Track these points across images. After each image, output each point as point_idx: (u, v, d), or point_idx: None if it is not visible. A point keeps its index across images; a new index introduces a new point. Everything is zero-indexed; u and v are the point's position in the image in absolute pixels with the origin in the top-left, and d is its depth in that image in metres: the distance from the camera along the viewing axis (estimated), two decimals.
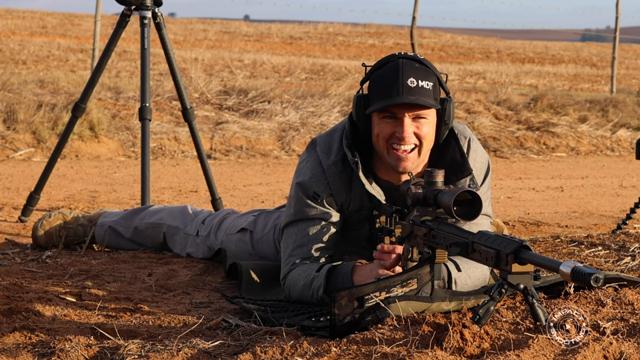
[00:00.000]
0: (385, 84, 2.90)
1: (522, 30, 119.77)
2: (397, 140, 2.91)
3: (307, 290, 2.91)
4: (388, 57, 2.97)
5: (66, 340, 2.44)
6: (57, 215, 4.09)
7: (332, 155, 3.02)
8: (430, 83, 2.90)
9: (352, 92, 10.27)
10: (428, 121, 2.93)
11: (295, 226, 3.03)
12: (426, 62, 2.95)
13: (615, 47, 14.10)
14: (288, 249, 3.03)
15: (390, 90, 2.88)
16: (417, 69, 2.90)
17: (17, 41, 18.10)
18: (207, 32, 24.05)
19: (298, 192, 3.03)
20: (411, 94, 2.87)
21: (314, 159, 3.04)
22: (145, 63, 4.64)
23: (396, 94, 2.87)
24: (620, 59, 21.69)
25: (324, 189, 3.01)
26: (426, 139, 2.94)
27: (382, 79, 2.92)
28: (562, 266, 2.16)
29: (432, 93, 2.90)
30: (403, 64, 2.90)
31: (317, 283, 2.88)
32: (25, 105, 7.96)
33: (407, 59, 2.93)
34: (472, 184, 3.02)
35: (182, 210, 4.02)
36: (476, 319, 2.34)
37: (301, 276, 2.93)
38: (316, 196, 3.01)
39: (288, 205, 3.08)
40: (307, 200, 3.01)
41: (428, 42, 26.15)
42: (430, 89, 2.90)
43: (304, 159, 3.08)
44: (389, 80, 2.90)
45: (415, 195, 2.65)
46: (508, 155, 9.70)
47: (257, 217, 3.69)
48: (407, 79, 2.87)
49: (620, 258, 3.73)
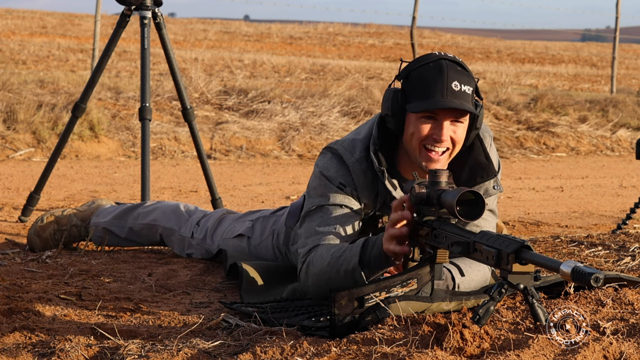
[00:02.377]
0: (428, 83, 2.88)
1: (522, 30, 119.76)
2: (432, 142, 2.90)
3: (334, 263, 2.82)
4: (427, 55, 2.95)
5: (66, 340, 2.44)
6: (48, 218, 4.05)
7: (356, 153, 2.99)
8: (471, 88, 2.91)
9: (352, 92, 10.27)
10: (464, 125, 2.93)
11: (320, 210, 2.98)
12: (466, 66, 2.95)
13: (615, 47, 14.10)
14: (312, 229, 2.96)
15: (434, 92, 2.87)
16: (460, 72, 2.90)
17: (17, 41, 18.09)
18: (207, 32, 24.05)
19: (323, 180, 2.99)
20: (455, 97, 2.86)
21: (337, 158, 3.01)
22: (145, 63, 4.64)
23: (440, 96, 2.86)
24: (620, 59, 21.69)
25: (350, 182, 2.98)
26: (459, 142, 2.94)
27: (425, 77, 2.90)
28: (563, 266, 2.16)
29: (471, 98, 2.91)
30: (447, 65, 2.90)
31: (350, 253, 2.81)
32: (25, 105, 7.96)
33: (449, 60, 2.92)
34: (497, 185, 3.02)
35: (175, 210, 3.98)
36: (476, 319, 2.34)
37: (330, 251, 2.85)
38: (342, 186, 2.98)
39: (309, 195, 3.03)
40: (333, 187, 2.97)
41: (428, 42, 26.15)
42: (470, 94, 2.90)
43: (324, 159, 3.03)
44: (433, 80, 2.88)
45: (418, 194, 2.65)
46: (508, 155, 9.70)
47: (255, 223, 3.65)
48: (451, 82, 2.87)
49: (620, 258, 3.73)
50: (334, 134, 9.11)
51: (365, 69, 17.47)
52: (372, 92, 10.42)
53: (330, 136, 9.07)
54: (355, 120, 9.60)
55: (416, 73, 2.93)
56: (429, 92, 2.88)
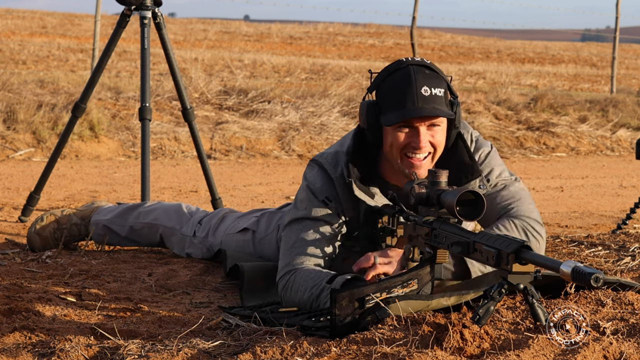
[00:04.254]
0: (398, 93, 2.88)
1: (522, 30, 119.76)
2: (412, 150, 2.91)
3: (314, 300, 2.84)
4: (396, 63, 2.95)
5: (66, 340, 2.44)
6: (49, 217, 4.05)
7: (339, 168, 3.01)
8: (442, 90, 2.90)
9: (352, 92, 10.27)
10: (441, 128, 2.93)
11: (301, 223, 3.00)
12: (435, 68, 2.94)
13: (615, 47, 14.10)
14: (289, 243, 2.99)
15: (404, 101, 2.87)
16: (429, 76, 2.90)
17: (17, 41, 18.10)
18: (207, 32, 24.05)
19: (309, 194, 3.02)
20: (426, 103, 2.86)
21: (323, 172, 3.03)
22: (145, 63, 4.64)
23: (411, 105, 2.86)
24: (620, 59, 21.68)
25: (335, 197, 3.00)
26: (440, 145, 2.95)
27: (394, 87, 2.90)
28: (563, 266, 2.16)
29: (444, 100, 2.90)
30: (415, 71, 2.89)
31: (326, 295, 2.82)
32: (25, 105, 7.96)
33: (416, 65, 2.92)
34: (483, 185, 3.02)
35: (177, 210, 3.99)
36: (476, 319, 2.34)
37: (308, 284, 2.86)
38: (327, 201, 3.00)
39: (295, 206, 3.06)
40: (317, 203, 3.00)
41: (428, 42, 26.15)
42: (442, 96, 2.90)
43: (312, 172, 3.06)
44: (402, 89, 2.88)
45: (418, 195, 2.66)
46: (508, 155, 9.70)
47: (260, 218, 3.67)
48: (420, 88, 2.87)
49: (620, 258, 3.73)
50: (334, 134, 9.11)
51: (365, 69, 17.47)
52: None
53: (330, 136, 9.07)
54: (355, 120, 9.60)
55: (386, 84, 2.94)
56: (400, 101, 2.88)
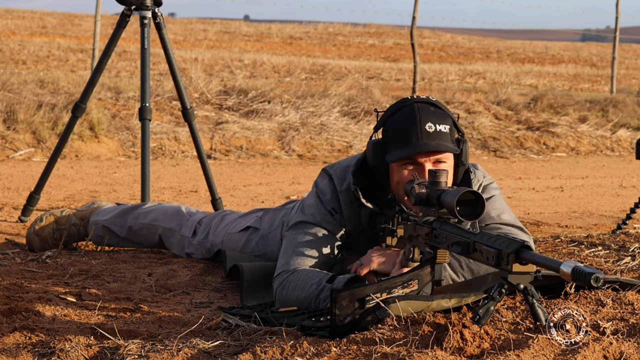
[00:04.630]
0: (403, 130, 2.90)
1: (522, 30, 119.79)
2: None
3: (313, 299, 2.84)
4: (401, 101, 2.97)
5: (66, 340, 2.44)
6: (48, 218, 4.06)
7: (345, 184, 3.03)
8: (447, 126, 2.91)
9: (352, 92, 10.27)
10: (447, 165, 2.94)
11: (305, 227, 3.02)
12: (440, 105, 2.95)
13: (615, 47, 14.10)
14: (291, 244, 3.01)
15: (409, 137, 2.88)
16: (433, 112, 2.90)
17: (17, 41, 18.10)
18: (207, 32, 24.05)
19: (318, 201, 3.05)
20: (430, 139, 2.87)
21: (332, 184, 3.06)
22: (145, 63, 4.64)
23: (416, 140, 2.87)
24: (620, 59, 21.68)
25: (339, 209, 3.03)
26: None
27: (399, 124, 2.91)
28: (563, 266, 2.16)
29: (449, 136, 2.91)
30: (419, 108, 2.90)
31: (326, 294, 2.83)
32: (25, 105, 7.96)
33: (421, 102, 2.93)
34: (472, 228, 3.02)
35: (177, 211, 3.98)
36: (476, 319, 2.34)
37: (307, 282, 2.87)
38: (333, 212, 3.02)
39: (302, 210, 3.07)
40: (324, 211, 3.02)
41: (428, 42, 26.16)
42: (447, 132, 2.90)
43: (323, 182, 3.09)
44: (407, 126, 2.89)
45: (418, 195, 2.66)
46: (508, 155, 9.70)
47: (263, 216, 3.68)
48: (425, 124, 2.87)
49: (620, 258, 3.73)
50: (334, 134, 9.11)
51: (365, 69, 17.47)
52: (372, 92, 10.43)
53: (330, 136, 9.07)
54: (355, 120, 9.60)
55: (390, 121, 2.95)
56: (404, 138, 2.89)
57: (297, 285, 2.89)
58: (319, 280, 2.84)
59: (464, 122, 10.10)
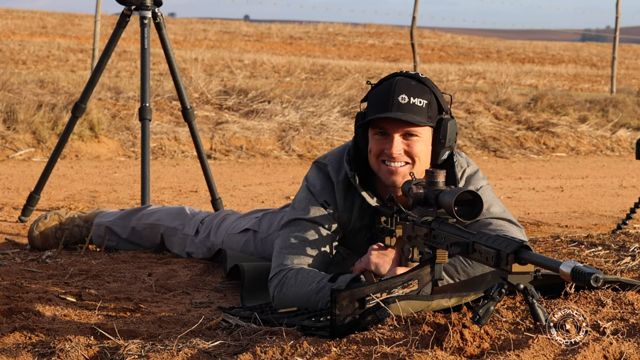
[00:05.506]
0: (378, 100, 2.91)
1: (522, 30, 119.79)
2: (387, 157, 2.91)
3: (312, 296, 2.83)
4: (389, 75, 2.98)
5: (66, 340, 2.44)
6: (52, 217, 4.07)
7: (342, 174, 3.02)
8: (424, 101, 2.90)
9: (352, 92, 10.28)
10: (420, 139, 2.92)
11: (298, 224, 3.00)
12: (425, 81, 2.94)
13: (615, 47, 14.10)
14: (285, 242, 2.99)
15: (380, 105, 2.89)
16: (412, 86, 2.90)
17: (17, 41, 18.10)
18: (207, 32, 24.05)
19: (309, 195, 3.03)
20: (400, 110, 2.87)
21: (324, 174, 3.05)
22: (145, 63, 4.64)
23: (384, 109, 2.88)
24: (620, 59, 21.69)
25: (333, 201, 3.02)
26: (419, 157, 2.92)
27: (377, 95, 2.93)
28: (562, 266, 2.16)
29: (425, 111, 2.89)
30: (397, 81, 2.91)
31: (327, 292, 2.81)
32: (25, 105, 7.96)
33: (404, 76, 2.93)
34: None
35: (180, 212, 4.01)
36: (476, 319, 2.34)
37: (307, 280, 2.85)
38: (326, 204, 3.01)
39: (293, 207, 3.06)
40: (316, 205, 3.01)
41: (428, 42, 26.16)
42: (423, 107, 2.89)
43: (313, 174, 3.08)
44: (382, 96, 2.90)
45: (416, 195, 2.66)
46: (508, 155, 9.70)
47: (262, 218, 3.68)
48: (398, 95, 2.88)
49: (620, 258, 3.73)
50: (334, 134, 9.11)
51: (365, 69, 17.47)
52: None
53: (330, 136, 9.07)
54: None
55: (372, 92, 2.97)
56: (377, 107, 2.90)
57: (296, 284, 2.87)
58: (319, 279, 2.83)
59: (464, 122, 10.10)
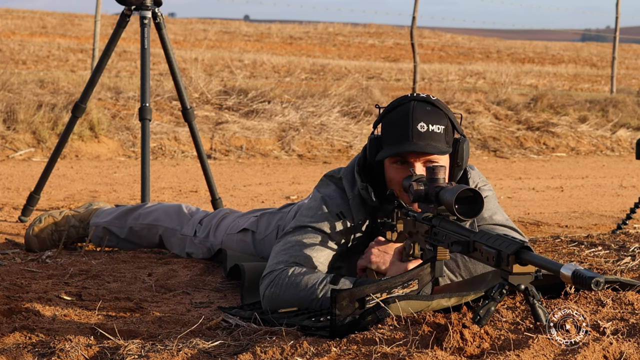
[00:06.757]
0: (396, 128, 2.88)
1: (522, 30, 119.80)
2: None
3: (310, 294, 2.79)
4: (400, 99, 2.95)
5: (66, 340, 2.44)
6: (47, 219, 4.05)
7: (356, 188, 3.00)
8: (442, 126, 2.88)
9: (352, 92, 10.27)
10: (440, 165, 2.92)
11: (304, 230, 2.96)
12: (438, 104, 2.93)
13: (615, 47, 14.10)
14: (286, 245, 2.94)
15: (400, 136, 2.86)
16: (428, 112, 2.88)
17: (17, 41, 18.10)
18: (207, 32, 24.05)
19: (322, 205, 2.99)
20: (421, 139, 2.85)
21: (340, 190, 3.02)
22: (145, 63, 4.64)
23: (405, 140, 2.85)
24: (620, 59, 21.68)
25: (349, 214, 2.98)
26: None
27: (393, 123, 2.90)
28: (563, 269, 2.16)
29: (443, 137, 2.88)
30: (414, 107, 2.89)
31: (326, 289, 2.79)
32: (25, 105, 7.96)
33: (418, 101, 2.91)
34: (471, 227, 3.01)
35: (178, 211, 3.98)
36: (477, 320, 2.34)
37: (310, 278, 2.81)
38: (341, 215, 2.97)
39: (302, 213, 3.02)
40: (329, 216, 2.97)
41: (428, 42, 26.16)
42: (441, 133, 2.88)
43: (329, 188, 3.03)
44: (400, 124, 2.88)
45: (417, 192, 2.65)
46: (508, 155, 9.70)
47: (260, 218, 3.66)
48: (417, 124, 2.85)
49: (620, 258, 3.73)
50: (333, 134, 9.11)
51: (365, 69, 17.47)
52: (372, 92, 10.42)
53: (330, 136, 9.07)
54: (355, 120, 9.60)
55: (387, 119, 2.94)
56: (396, 137, 2.88)
57: (292, 283, 2.82)
58: (322, 278, 2.82)
59: (464, 122, 10.10)
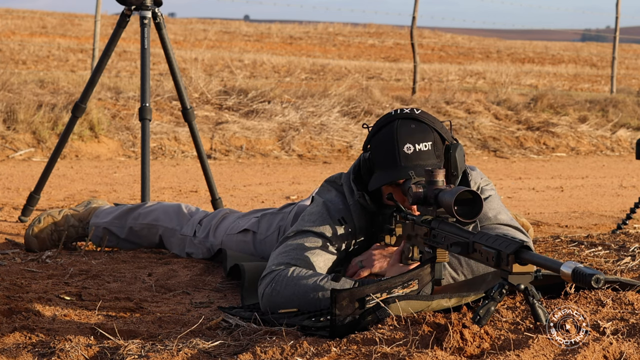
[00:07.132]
0: (383, 153, 2.88)
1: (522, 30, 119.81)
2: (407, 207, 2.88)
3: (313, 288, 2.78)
4: (385, 117, 2.93)
5: (66, 340, 2.44)
6: (46, 219, 4.05)
7: (355, 195, 2.99)
8: (429, 142, 2.86)
9: (352, 92, 10.27)
10: None
11: (305, 234, 2.96)
12: (423, 118, 2.89)
13: (615, 47, 14.09)
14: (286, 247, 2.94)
15: (388, 161, 2.86)
16: (413, 130, 2.86)
17: (17, 41, 18.10)
18: (207, 32, 24.05)
19: (324, 210, 2.99)
20: (409, 161, 2.84)
21: (341, 196, 3.02)
22: (145, 63, 4.64)
23: (394, 166, 2.85)
24: (620, 59, 21.69)
25: (350, 220, 2.98)
26: None
27: (381, 146, 2.89)
28: (563, 267, 2.16)
29: (432, 152, 2.86)
30: (397, 127, 2.86)
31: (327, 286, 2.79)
32: (25, 105, 7.96)
33: (402, 119, 2.88)
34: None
35: (177, 210, 3.98)
36: (477, 320, 2.34)
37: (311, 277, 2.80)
38: (343, 221, 2.97)
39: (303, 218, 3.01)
40: (330, 221, 2.97)
41: (428, 42, 26.15)
42: (429, 150, 2.86)
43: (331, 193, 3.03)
44: (387, 148, 2.87)
45: (416, 194, 2.65)
46: (508, 155, 9.70)
47: (261, 219, 3.66)
48: (403, 146, 2.84)
49: (620, 258, 3.73)
50: (333, 134, 9.11)
51: (365, 69, 17.47)
52: (372, 92, 10.42)
53: (330, 136, 9.07)
54: (355, 120, 9.60)
55: (374, 141, 2.93)
56: (385, 162, 2.87)
57: (293, 280, 2.81)
58: (323, 276, 2.81)
59: (464, 122, 10.10)
